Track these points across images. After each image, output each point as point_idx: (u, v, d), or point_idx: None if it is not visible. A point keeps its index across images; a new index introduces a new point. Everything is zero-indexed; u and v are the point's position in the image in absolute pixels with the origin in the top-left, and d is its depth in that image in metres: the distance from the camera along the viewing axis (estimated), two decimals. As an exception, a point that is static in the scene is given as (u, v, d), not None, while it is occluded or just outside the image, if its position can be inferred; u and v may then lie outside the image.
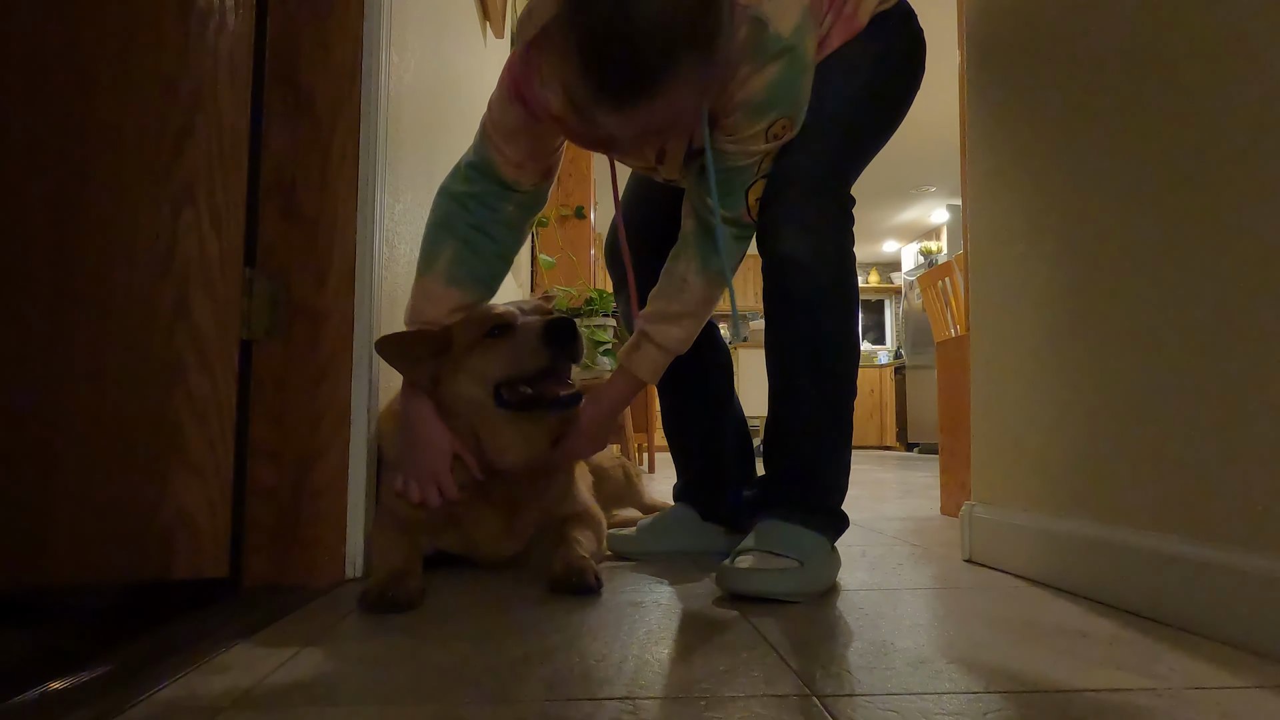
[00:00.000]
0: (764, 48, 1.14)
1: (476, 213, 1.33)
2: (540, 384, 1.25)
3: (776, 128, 1.20)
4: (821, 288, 1.24)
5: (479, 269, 1.35)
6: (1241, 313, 0.93)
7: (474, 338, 1.27)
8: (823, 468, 1.27)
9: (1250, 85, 0.92)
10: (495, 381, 1.25)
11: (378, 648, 0.89)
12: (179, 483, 1.10)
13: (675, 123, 1.14)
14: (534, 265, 4.23)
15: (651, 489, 2.11)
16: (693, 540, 1.55)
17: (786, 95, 1.19)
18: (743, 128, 1.19)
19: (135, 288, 1.09)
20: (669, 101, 1.04)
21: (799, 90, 1.20)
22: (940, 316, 2.80)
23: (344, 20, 1.29)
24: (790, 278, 1.25)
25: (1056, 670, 0.81)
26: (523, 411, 1.26)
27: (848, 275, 1.26)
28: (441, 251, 1.32)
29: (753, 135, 1.20)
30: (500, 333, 1.26)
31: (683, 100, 1.06)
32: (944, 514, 2.35)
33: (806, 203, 1.23)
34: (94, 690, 0.74)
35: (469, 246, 1.33)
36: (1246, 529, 0.91)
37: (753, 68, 1.15)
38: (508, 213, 1.36)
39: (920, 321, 8.20)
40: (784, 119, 1.20)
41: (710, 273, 1.30)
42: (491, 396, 1.26)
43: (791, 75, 1.17)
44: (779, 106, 1.19)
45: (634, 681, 0.77)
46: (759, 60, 1.15)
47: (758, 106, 1.18)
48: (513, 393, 1.25)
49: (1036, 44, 1.34)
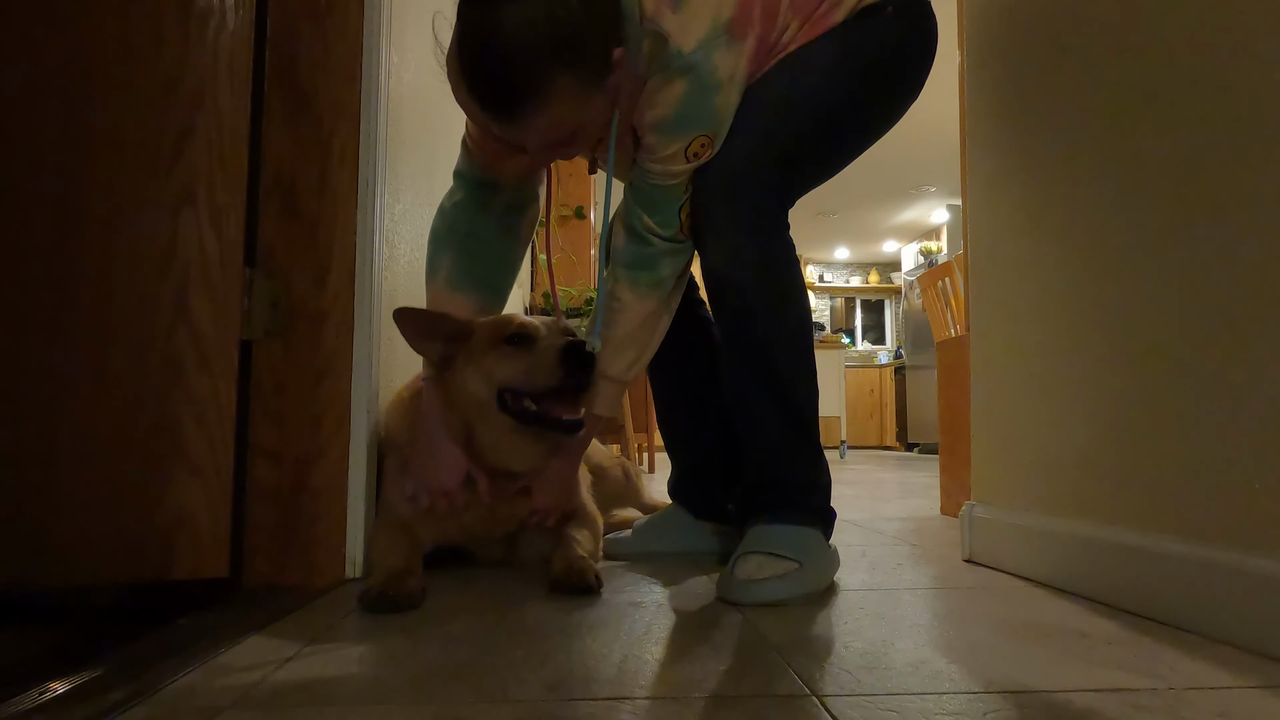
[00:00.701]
0: (666, 63, 1.13)
1: (469, 222, 1.35)
2: (545, 402, 1.25)
3: (695, 146, 1.18)
4: (746, 297, 1.22)
5: (480, 274, 1.37)
6: (1241, 312, 0.93)
7: (494, 339, 1.28)
8: (789, 471, 1.26)
9: (1250, 85, 0.92)
10: (502, 386, 1.25)
11: (378, 648, 0.89)
12: (179, 483, 1.10)
13: (576, 135, 1.14)
14: (534, 265, 4.23)
15: (651, 489, 2.11)
16: (687, 540, 1.55)
17: (696, 114, 1.17)
18: (660, 147, 1.19)
19: (135, 288, 1.09)
20: (551, 116, 1.06)
21: (711, 108, 1.17)
22: (940, 316, 2.80)
23: (344, 20, 1.29)
24: (718, 289, 1.26)
25: (1056, 670, 0.81)
26: (521, 424, 1.26)
27: (775, 280, 1.23)
28: (442, 261, 1.36)
29: (672, 155, 1.19)
30: (519, 342, 1.27)
31: (567, 114, 1.08)
32: (944, 514, 2.35)
33: (718, 209, 1.22)
34: (94, 690, 0.74)
35: (467, 254, 1.35)
36: (1246, 529, 0.91)
37: (657, 82, 1.14)
38: (498, 215, 1.38)
39: (920, 321, 8.20)
40: (701, 138, 1.18)
41: (642, 289, 1.28)
42: (495, 399, 1.26)
43: (697, 93, 1.15)
44: (691, 125, 1.17)
45: (634, 681, 0.77)
46: (663, 75, 1.14)
47: (669, 125, 1.17)
48: (516, 403, 1.25)
49: (1036, 44, 1.34)
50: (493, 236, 1.38)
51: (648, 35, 1.12)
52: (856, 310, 11.07)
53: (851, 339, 10.79)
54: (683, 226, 1.26)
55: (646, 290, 1.29)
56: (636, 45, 1.12)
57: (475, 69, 1.06)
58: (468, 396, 1.27)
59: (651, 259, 1.28)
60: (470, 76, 1.07)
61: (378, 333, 1.33)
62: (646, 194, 1.25)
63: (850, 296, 11.07)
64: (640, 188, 1.25)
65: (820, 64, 1.24)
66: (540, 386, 1.23)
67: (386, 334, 1.38)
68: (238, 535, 1.18)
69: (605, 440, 3.63)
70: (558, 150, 1.19)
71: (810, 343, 1.28)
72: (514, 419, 1.26)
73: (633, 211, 1.27)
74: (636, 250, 1.28)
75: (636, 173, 1.25)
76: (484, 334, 1.29)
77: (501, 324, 1.30)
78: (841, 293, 11.03)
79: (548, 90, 1.04)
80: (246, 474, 1.20)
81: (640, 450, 4.54)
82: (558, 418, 1.24)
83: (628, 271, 1.29)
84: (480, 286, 1.37)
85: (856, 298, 11.09)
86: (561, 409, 1.24)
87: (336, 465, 1.25)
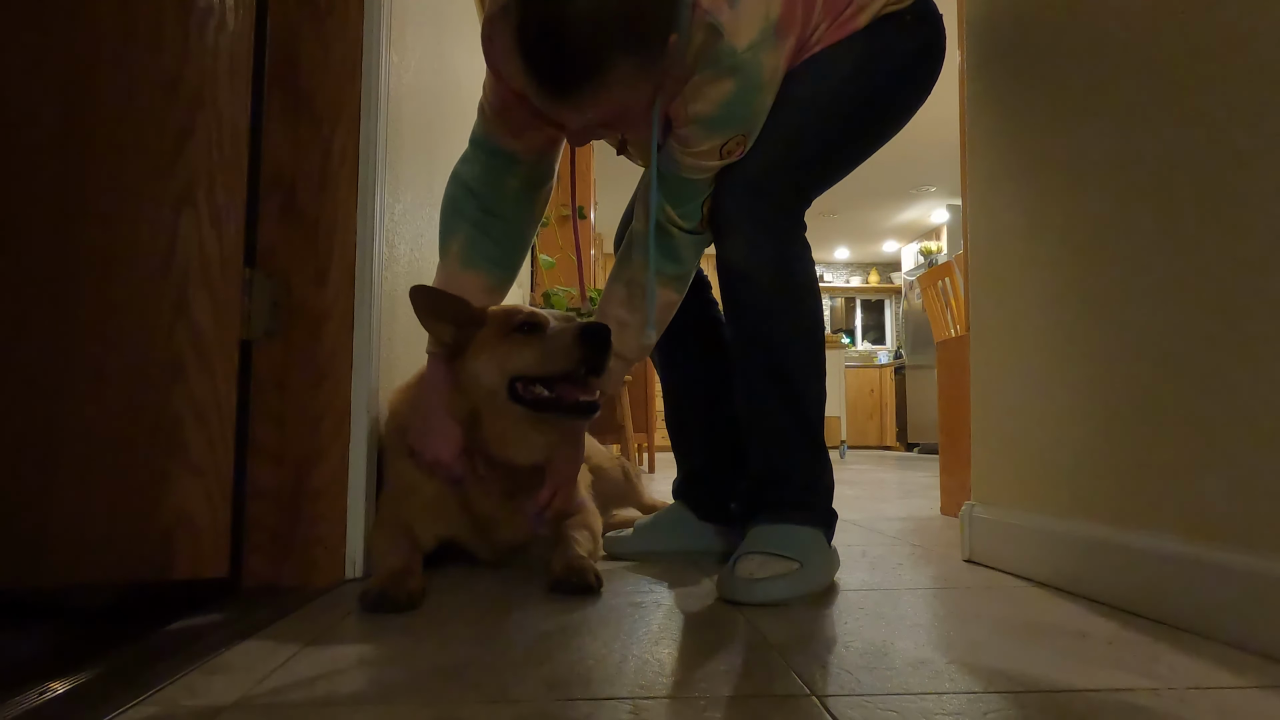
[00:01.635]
0: (718, 58, 1.12)
1: (482, 195, 1.34)
2: (559, 387, 1.25)
3: (730, 144, 1.19)
4: (762, 293, 1.23)
5: (492, 251, 1.36)
6: (1241, 311, 0.93)
7: (506, 327, 1.28)
8: (794, 470, 1.26)
9: (1250, 84, 0.92)
10: (514, 375, 1.25)
11: (378, 648, 0.89)
12: (179, 483, 1.10)
13: (621, 117, 1.13)
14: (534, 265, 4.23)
15: (651, 489, 2.11)
16: (689, 540, 1.55)
17: (739, 113, 1.17)
18: (698, 141, 1.19)
19: (135, 288, 1.09)
20: (604, 97, 1.05)
21: (751, 109, 1.18)
22: (940, 316, 2.80)
23: (344, 20, 1.29)
24: (732, 284, 1.26)
25: (1056, 670, 0.81)
26: (535, 411, 1.26)
27: (790, 277, 1.24)
28: (454, 238, 1.35)
29: (707, 150, 1.19)
30: (530, 330, 1.27)
31: (620, 97, 1.06)
32: (944, 514, 2.35)
33: (739, 207, 1.22)
34: (94, 690, 0.74)
35: (479, 229, 1.35)
36: (1246, 529, 0.91)
37: (706, 77, 1.14)
38: (513, 188, 1.37)
39: (920, 321, 8.20)
40: (738, 136, 1.19)
41: (665, 277, 1.29)
42: (506, 388, 1.26)
43: (743, 93, 1.15)
44: (732, 124, 1.18)
45: (634, 681, 0.77)
46: (713, 70, 1.13)
47: (711, 123, 1.17)
48: (529, 390, 1.25)
49: (1036, 44, 1.34)
50: (509, 214, 1.37)
51: (700, 26, 1.11)
52: (856, 310, 11.07)
53: (851, 339, 10.79)
54: (704, 219, 1.27)
55: (668, 280, 1.30)
56: (687, 35, 1.11)
57: (538, 42, 1.02)
58: (479, 386, 1.27)
59: (674, 250, 1.28)
60: (530, 49, 1.03)
61: (378, 333, 1.33)
62: (673, 184, 1.24)
63: (850, 296, 11.07)
64: (668, 177, 1.24)
65: (844, 69, 1.25)
66: (558, 370, 1.23)
67: (386, 334, 1.38)
68: (237, 535, 1.18)
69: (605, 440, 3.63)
70: (596, 131, 1.18)
71: (822, 343, 1.29)
72: (526, 407, 1.25)
73: (656, 199, 1.27)
74: (658, 238, 1.28)
75: (665, 161, 1.24)
76: (496, 321, 1.29)
77: (513, 312, 1.30)
78: (841, 293, 11.03)
79: (608, 72, 1.02)
80: (246, 474, 1.20)
81: (640, 450, 4.54)
82: (574, 400, 1.24)
83: (655, 261, 1.27)
84: (493, 264, 1.36)
85: (856, 298, 11.09)
86: (577, 392, 1.24)
87: (336, 465, 1.25)
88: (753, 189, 1.22)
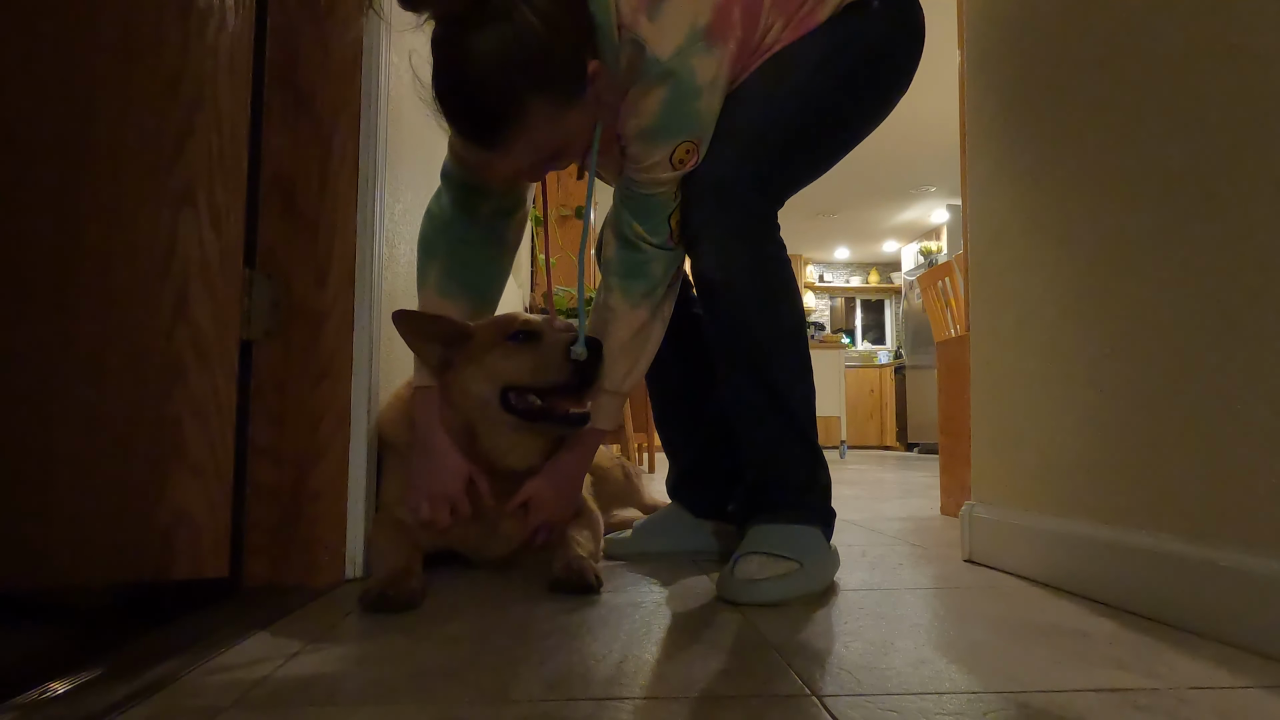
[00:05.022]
0: (645, 71, 1.12)
1: (457, 228, 1.34)
2: (551, 397, 1.24)
3: (679, 153, 1.18)
4: (739, 301, 1.22)
5: (469, 279, 1.36)
6: (1241, 311, 0.93)
7: (495, 337, 1.28)
8: (787, 472, 1.26)
9: (1249, 84, 0.92)
10: (506, 385, 1.25)
11: (378, 648, 0.89)
12: (179, 483, 1.10)
13: (564, 149, 1.14)
14: (534, 265, 4.23)
15: (651, 489, 2.11)
16: (687, 539, 1.55)
17: (678, 121, 1.16)
18: (644, 156, 1.18)
19: (135, 288, 1.09)
20: (531, 138, 1.07)
21: (692, 114, 1.16)
22: (940, 316, 2.80)
23: (344, 20, 1.29)
24: (708, 293, 1.25)
25: (1056, 670, 0.81)
26: (527, 421, 1.26)
27: (766, 282, 1.23)
28: (430, 268, 1.35)
29: (656, 163, 1.18)
30: (524, 339, 1.26)
31: (549, 134, 1.08)
32: (944, 514, 2.35)
33: (706, 215, 1.21)
34: (94, 690, 0.74)
35: (455, 259, 1.35)
36: (1246, 529, 0.91)
37: (638, 91, 1.14)
38: (485, 219, 1.37)
39: (920, 321, 8.20)
40: (686, 144, 1.18)
41: (634, 297, 1.28)
42: (498, 398, 1.26)
43: (677, 100, 1.14)
44: (673, 132, 1.16)
45: (634, 681, 0.77)
46: (643, 83, 1.13)
47: (651, 133, 1.16)
48: (521, 400, 1.25)
49: (1036, 44, 1.34)
50: (480, 242, 1.37)
51: (626, 45, 1.11)
52: (856, 310, 11.08)
53: (851, 339, 10.80)
54: (673, 234, 1.26)
55: (639, 299, 1.28)
56: (614, 56, 1.12)
57: (450, 102, 1.07)
58: (470, 397, 1.26)
59: (642, 266, 1.27)
60: (447, 109, 1.08)
61: (377, 333, 1.33)
62: (635, 202, 1.25)
63: (850, 296, 11.07)
64: (629, 195, 1.25)
65: (805, 62, 1.22)
66: (550, 381, 1.23)
67: (386, 334, 1.38)
68: (238, 535, 1.18)
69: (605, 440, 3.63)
70: (547, 165, 1.18)
71: (805, 342, 1.28)
72: (518, 417, 1.25)
73: (622, 219, 1.27)
74: (628, 257, 1.28)
75: (624, 181, 1.25)
76: (485, 334, 1.29)
77: (504, 322, 1.30)
78: (841, 293, 11.04)
79: (523, 114, 1.05)
80: (246, 474, 1.20)
81: (640, 450, 4.54)
82: (565, 412, 1.24)
83: (620, 280, 1.28)
84: (470, 292, 1.36)
85: (856, 298, 11.09)
86: (568, 403, 1.24)
87: (336, 465, 1.25)
88: (718, 196, 1.20)
